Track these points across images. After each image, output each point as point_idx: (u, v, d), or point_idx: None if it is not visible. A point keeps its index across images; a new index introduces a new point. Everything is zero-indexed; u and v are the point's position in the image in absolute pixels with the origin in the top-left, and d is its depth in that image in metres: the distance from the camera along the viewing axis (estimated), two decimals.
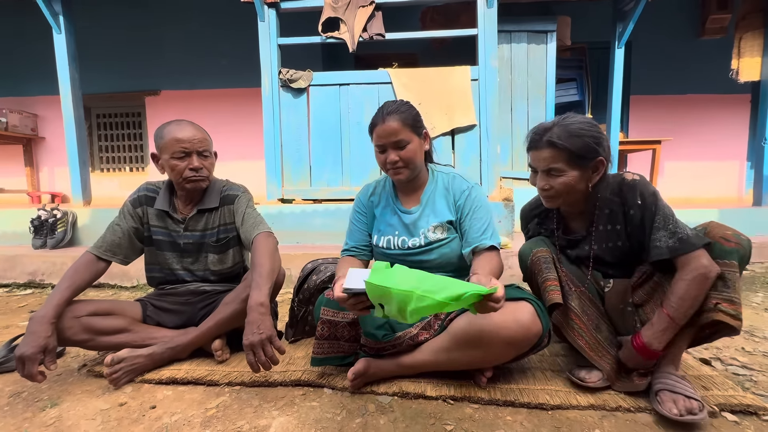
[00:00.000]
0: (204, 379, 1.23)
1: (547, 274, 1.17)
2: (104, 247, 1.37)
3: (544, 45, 3.38)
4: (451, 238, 1.27)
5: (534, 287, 1.25)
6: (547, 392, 1.12)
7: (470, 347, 1.09)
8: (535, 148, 1.13)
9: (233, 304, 1.32)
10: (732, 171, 4.85)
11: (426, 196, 1.31)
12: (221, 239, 1.46)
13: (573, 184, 1.11)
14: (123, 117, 5.20)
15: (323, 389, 1.18)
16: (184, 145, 1.33)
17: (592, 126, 1.09)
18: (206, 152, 1.38)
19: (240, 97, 4.77)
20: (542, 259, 1.19)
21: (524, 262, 1.27)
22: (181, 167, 1.34)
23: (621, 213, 1.13)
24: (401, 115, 1.21)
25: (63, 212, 2.98)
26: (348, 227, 1.42)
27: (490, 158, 2.91)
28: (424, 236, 1.26)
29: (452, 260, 1.28)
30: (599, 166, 1.10)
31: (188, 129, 1.35)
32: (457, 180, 1.31)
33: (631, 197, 1.10)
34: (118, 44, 4.87)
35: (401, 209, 1.33)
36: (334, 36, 2.97)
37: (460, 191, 1.28)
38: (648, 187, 1.09)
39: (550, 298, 1.13)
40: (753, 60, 3.43)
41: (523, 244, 1.31)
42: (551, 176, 1.11)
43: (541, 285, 1.18)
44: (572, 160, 1.08)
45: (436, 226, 1.26)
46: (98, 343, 1.29)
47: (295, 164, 3.06)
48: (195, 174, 1.35)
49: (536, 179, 1.16)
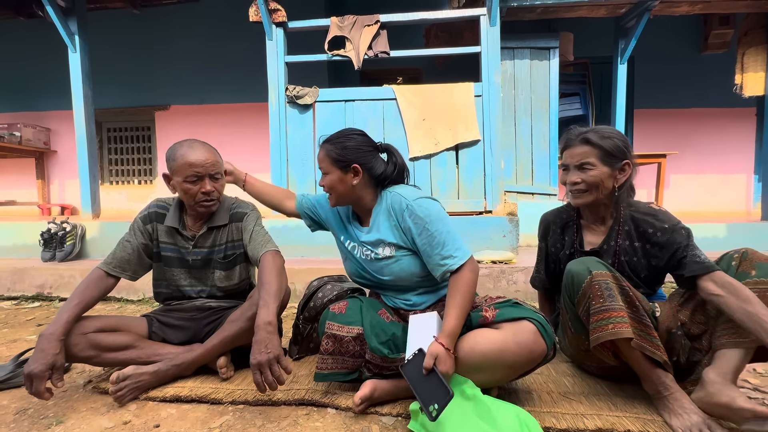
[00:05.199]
0: (208, 398, 1.23)
1: (611, 302, 1.06)
2: (114, 263, 1.39)
3: (546, 61, 3.43)
4: (398, 257, 1.23)
5: (582, 310, 1.14)
6: (553, 415, 1.10)
7: (473, 371, 1.07)
8: (571, 146, 1.25)
9: (239, 322, 1.33)
10: (739, 184, 4.81)
11: (373, 218, 1.30)
12: (228, 256, 1.47)
13: (602, 180, 1.21)
14: (133, 131, 5.31)
15: (327, 409, 1.17)
16: (197, 170, 1.34)
17: (621, 134, 1.24)
18: (218, 174, 1.39)
19: (247, 111, 4.86)
20: (603, 285, 1.08)
21: (575, 283, 1.15)
22: (193, 191, 1.36)
23: (641, 231, 1.22)
24: (328, 147, 1.27)
25: (72, 225, 3.02)
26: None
27: (494, 173, 2.92)
28: (374, 253, 1.27)
29: (411, 278, 1.24)
30: (626, 167, 1.22)
31: (200, 152, 1.35)
32: (395, 197, 1.23)
33: (657, 220, 1.21)
34: (129, 60, 5.01)
35: (356, 225, 1.36)
36: (340, 54, 3.04)
37: (400, 211, 1.20)
38: (672, 216, 1.22)
39: (617, 331, 1.03)
40: (757, 75, 3.44)
41: (574, 261, 1.19)
42: (583, 170, 1.22)
43: (598, 312, 1.07)
44: (603, 158, 1.20)
45: (382, 246, 1.25)
46: (104, 360, 1.29)
47: (300, 179, 3.09)
48: (207, 197, 1.37)
49: (567, 177, 1.26)
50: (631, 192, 1.27)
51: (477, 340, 1.07)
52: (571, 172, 1.25)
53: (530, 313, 1.08)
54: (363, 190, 1.28)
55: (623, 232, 1.25)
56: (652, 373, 1.08)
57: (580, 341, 1.23)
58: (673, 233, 1.17)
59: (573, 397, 1.20)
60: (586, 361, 1.31)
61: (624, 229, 1.25)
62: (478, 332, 1.10)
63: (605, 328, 1.05)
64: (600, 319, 1.06)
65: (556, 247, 1.39)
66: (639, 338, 1.05)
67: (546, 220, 1.43)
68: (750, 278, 1.05)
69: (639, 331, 1.06)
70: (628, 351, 1.08)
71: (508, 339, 1.04)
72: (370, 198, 1.30)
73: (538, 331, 1.05)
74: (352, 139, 1.27)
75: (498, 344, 1.04)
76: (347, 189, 1.26)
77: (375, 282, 1.32)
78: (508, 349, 1.04)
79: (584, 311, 1.12)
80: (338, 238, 1.42)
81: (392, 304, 1.32)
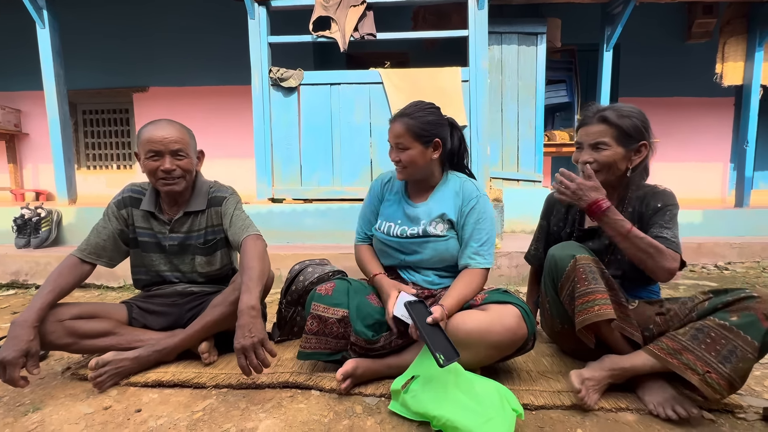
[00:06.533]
0: (190, 382, 1.22)
1: (594, 285, 1.09)
2: (88, 249, 1.35)
3: (534, 47, 3.42)
4: (448, 237, 1.28)
5: (565, 294, 1.16)
6: (531, 393, 1.14)
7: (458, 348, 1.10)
8: (587, 123, 1.21)
9: (221, 306, 1.32)
10: (716, 173, 4.96)
11: (435, 194, 1.33)
12: (209, 241, 1.45)
13: (615, 161, 1.17)
14: (110, 114, 5.11)
15: (311, 391, 1.18)
16: (155, 146, 1.29)
17: (641, 113, 1.19)
18: (181, 153, 1.32)
19: (230, 94, 4.72)
20: (587, 269, 1.10)
21: (558, 267, 1.16)
22: (152, 168, 1.31)
23: (640, 212, 1.21)
24: (409, 121, 1.23)
25: (47, 211, 2.92)
26: (360, 214, 1.45)
27: (480, 159, 2.93)
28: (423, 228, 1.28)
29: (445, 258, 1.30)
30: (642, 149, 1.18)
31: (162, 128, 1.30)
32: (468, 185, 1.31)
33: (654, 200, 1.19)
34: (106, 39, 4.78)
35: (408, 202, 1.36)
36: (324, 35, 2.96)
37: (469, 197, 1.28)
38: (673, 200, 1.19)
39: (602, 313, 1.05)
40: (736, 65, 3.51)
41: (556, 246, 1.21)
42: (597, 150, 1.18)
43: (583, 295, 1.09)
44: (620, 138, 1.16)
45: (437, 221, 1.28)
46: (82, 347, 1.27)
47: (285, 163, 3.04)
48: (166, 175, 1.32)
49: (579, 155, 1.22)
50: (644, 174, 1.24)
51: (464, 319, 1.11)
52: (584, 150, 1.20)
53: (516, 300, 1.14)
54: (435, 164, 1.32)
55: (626, 214, 1.22)
56: (629, 351, 1.12)
57: (554, 324, 1.29)
58: (658, 212, 1.17)
59: (551, 376, 1.24)
60: (558, 341, 1.38)
61: (627, 211, 1.22)
62: (466, 312, 1.14)
63: (591, 310, 1.07)
64: (585, 301, 1.08)
65: (559, 226, 1.39)
66: (619, 320, 1.09)
67: (551, 200, 1.43)
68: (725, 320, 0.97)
69: (619, 313, 1.10)
70: (608, 331, 1.12)
71: (494, 320, 1.09)
72: (438, 173, 1.35)
73: (522, 316, 1.10)
74: (432, 112, 1.28)
75: (484, 324, 1.09)
76: (426, 163, 1.28)
77: (401, 261, 1.34)
78: (493, 330, 1.08)
79: (567, 295, 1.15)
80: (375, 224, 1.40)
81: (410, 278, 1.34)
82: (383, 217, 1.37)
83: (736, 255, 2.95)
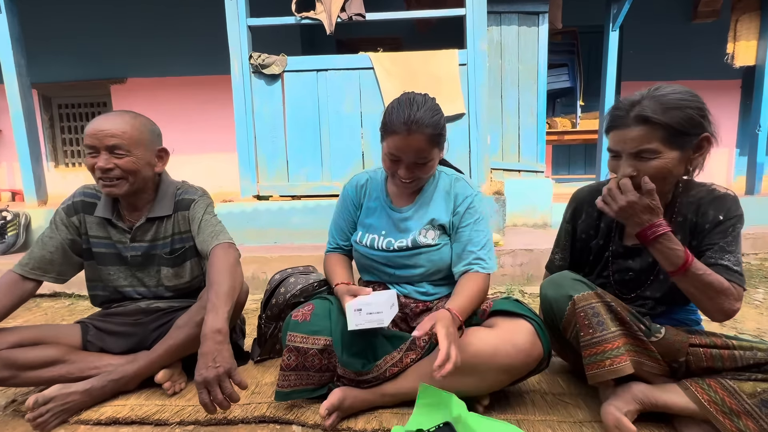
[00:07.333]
0: (151, 419, 1.05)
1: (601, 332, 0.91)
2: (31, 264, 1.16)
3: (535, 27, 3.20)
4: (441, 245, 1.12)
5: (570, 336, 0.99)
6: (548, 424, 0.98)
7: (462, 374, 0.93)
8: (620, 126, 0.90)
9: (186, 328, 1.14)
10: (721, 158, 4.80)
11: (422, 196, 1.15)
12: (176, 250, 1.26)
13: (669, 169, 0.88)
14: (87, 107, 4.85)
15: (291, 426, 1.01)
16: (90, 140, 1.11)
17: (693, 95, 0.88)
18: (119, 150, 1.12)
19: (212, 84, 4.45)
20: (589, 312, 0.92)
21: (555, 310, 1.00)
22: (89, 165, 1.14)
23: (692, 224, 0.97)
24: (427, 130, 1.00)
25: (14, 214, 2.70)
26: (333, 221, 1.26)
27: (479, 149, 2.74)
28: (413, 238, 1.11)
29: (442, 269, 1.13)
30: (704, 143, 0.89)
31: (104, 120, 1.12)
32: (460, 183, 1.16)
33: (713, 209, 0.94)
34: (79, 28, 4.48)
35: (391, 207, 1.17)
36: (309, 16, 2.72)
37: (463, 196, 1.13)
38: (737, 209, 0.94)
39: (616, 369, 0.89)
40: (749, 44, 3.31)
41: (548, 283, 1.03)
42: (641, 160, 0.88)
43: (590, 346, 0.92)
44: (671, 139, 0.86)
45: (427, 228, 1.12)
46: (24, 380, 1.09)
47: (270, 158, 2.83)
48: (103, 176, 1.13)
49: (617, 166, 0.92)
50: (692, 181, 0.99)
51: (468, 339, 0.95)
52: (624, 160, 0.90)
53: (528, 311, 0.99)
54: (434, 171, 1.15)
55: (676, 224, 0.97)
56: (656, 379, 0.96)
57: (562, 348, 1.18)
58: (717, 226, 0.93)
59: (569, 400, 1.09)
60: (569, 363, 1.25)
61: (677, 221, 0.97)
62: (470, 331, 0.98)
63: (602, 364, 0.91)
64: (594, 353, 0.92)
65: (589, 234, 1.11)
66: (635, 354, 0.93)
67: (579, 199, 1.13)
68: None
69: (635, 347, 0.93)
70: None
71: (504, 339, 0.94)
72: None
73: (536, 332, 0.95)
74: (437, 108, 1.07)
75: (491, 344, 0.94)
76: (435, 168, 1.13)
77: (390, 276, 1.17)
78: (503, 351, 0.93)
79: (573, 338, 0.99)
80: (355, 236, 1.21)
81: (401, 291, 1.17)
82: (364, 228, 1.18)
83: (749, 246, 2.80)
